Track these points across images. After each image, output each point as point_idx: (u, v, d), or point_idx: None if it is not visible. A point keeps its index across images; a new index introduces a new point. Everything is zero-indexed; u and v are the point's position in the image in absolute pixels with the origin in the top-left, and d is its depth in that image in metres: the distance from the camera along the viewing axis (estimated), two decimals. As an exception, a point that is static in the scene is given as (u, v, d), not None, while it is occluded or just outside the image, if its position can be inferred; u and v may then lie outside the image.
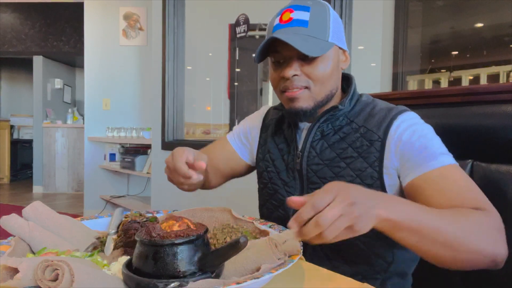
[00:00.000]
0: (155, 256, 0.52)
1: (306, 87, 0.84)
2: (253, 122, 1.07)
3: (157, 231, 0.53)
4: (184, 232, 0.53)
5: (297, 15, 0.82)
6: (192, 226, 0.55)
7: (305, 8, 0.82)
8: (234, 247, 0.51)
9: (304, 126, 0.91)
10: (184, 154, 0.76)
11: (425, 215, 0.61)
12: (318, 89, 0.84)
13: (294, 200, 0.55)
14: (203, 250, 0.54)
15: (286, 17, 0.83)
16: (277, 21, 0.84)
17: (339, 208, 0.52)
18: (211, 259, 0.53)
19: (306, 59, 0.82)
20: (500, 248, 0.63)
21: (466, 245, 0.62)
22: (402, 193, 0.79)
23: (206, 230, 0.56)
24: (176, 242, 0.52)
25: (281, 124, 0.98)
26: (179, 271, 0.51)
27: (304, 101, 0.84)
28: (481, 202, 0.69)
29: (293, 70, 0.82)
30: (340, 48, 0.87)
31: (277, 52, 0.84)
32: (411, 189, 0.76)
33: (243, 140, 1.07)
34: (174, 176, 0.79)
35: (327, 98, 0.86)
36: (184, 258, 0.52)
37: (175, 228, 0.54)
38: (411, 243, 0.62)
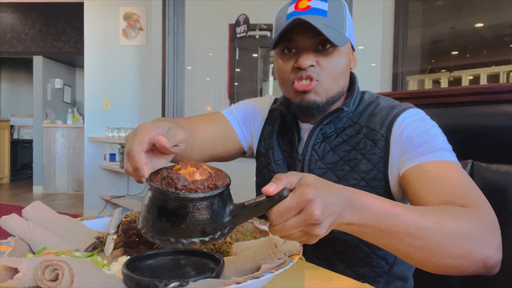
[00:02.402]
0: (182, 212, 0.45)
1: (318, 80, 0.79)
2: (258, 109, 0.99)
3: (182, 182, 0.46)
4: (210, 182, 0.47)
5: (315, 3, 0.77)
6: (213, 173, 0.49)
7: None
8: (274, 201, 0.47)
9: (306, 128, 0.88)
10: (149, 136, 0.55)
11: (400, 216, 0.54)
12: (330, 85, 0.80)
13: (266, 189, 0.48)
14: (231, 201, 0.49)
15: (303, 4, 0.78)
16: (292, 8, 0.79)
17: (300, 226, 0.48)
18: (247, 212, 0.48)
19: (321, 51, 0.78)
20: (491, 251, 0.57)
21: (448, 250, 0.55)
22: None
23: (230, 180, 0.50)
24: (208, 195, 0.46)
25: (287, 123, 0.92)
26: (212, 226, 0.46)
27: (317, 94, 0.79)
28: (475, 200, 0.63)
29: (310, 60, 0.77)
30: (351, 47, 0.85)
31: (290, 41, 0.79)
32: (403, 179, 0.74)
33: (243, 123, 0.99)
34: (126, 160, 0.57)
35: (338, 96, 0.83)
36: (217, 211, 0.47)
37: (198, 177, 0.48)
38: (382, 244, 0.57)
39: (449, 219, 0.57)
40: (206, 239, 0.47)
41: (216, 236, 0.48)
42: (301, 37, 0.78)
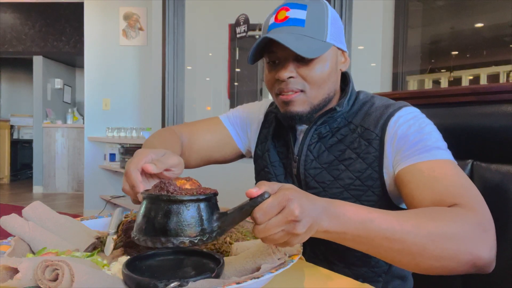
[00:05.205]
0: (173, 212, 0.49)
1: (302, 91, 0.80)
2: (254, 114, 1.01)
3: (173, 186, 0.50)
4: (199, 190, 0.52)
5: (293, 13, 0.78)
6: (201, 186, 0.54)
7: (302, 7, 0.78)
8: (257, 203, 0.50)
9: (301, 128, 0.88)
10: (144, 159, 0.62)
11: (375, 222, 0.56)
12: (314, 93, 0.80)
13: (249, 191, 0.52)
14: (218, 210, 0.53)
15: (281, 15, 0.79)
16: (272, 20, 0.80)
17: (281, 224, 0.50)
18: (233, 217, 0.52)
19: (302, 61, 0.79)
20: (480, 251, 0.57)
21: (430, 252, 0.56)
22: None
23: (217, 192, 0.55)
24: (196, 198, 0.50)
25: (282, 125, 0.93)
26: (200, 228, 0.50)
27: (300, 105, 0.80)
28: (467, 198, 0.63)
29: (289, 72, 0.78)
30: (339, 49, 0.84)
31: (272, 52, 0.80)
32: (398, 179, 0.74)
33: (240, 128, 1.01)
34: (124, 181, 0.64)
35: (325, 102, 0.83)
36: (205, 215, 0.51)
37: (188, 186, 0.52)
38: (363, 249, 0.59)
39: (429, 222, 0.57)
40: (195, 240, 0.50)
41: (205, 238, 0.50)
42: (279, 49, 0.79)
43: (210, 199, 0.52)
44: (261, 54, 0.83)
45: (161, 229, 0.50)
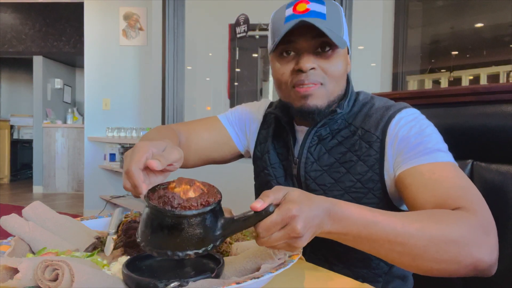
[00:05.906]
0: (178, 227, 0.50)
1: (321, 84, 0.78)
2: (253, 114, 1.00)
3: (177, 200, 0.50)
4: (203, 199, 0.52)
5: (313, 6, 0.77)
6: (205, 190, 0.53)
7: (321, 2, 0.78)
8: (261, 216, 0.51)
9: (301, 130, 0.87)
10: (145, 155, 0.58)
11: (379, 224, 0.56)
12: (332, 87, 0.79)
13: (253, 206, 0.52)
14: (222, 216, 0.53)
15: (302, 7, 0.77)
16: (289, 12, 0.78)
17: (284, 239, 0.52)
18: (236, 225, 0.52)
19: (321, 53, 0.78)
20: (481, 254, 0.56)
21: (431, 255, 0.56)
22: None
23: (221, 196, 0.55)
24: (201, 211, 0.50)
25: (282, 126, 0.92)
26: (205, 239, 0.50)
27: (319, 98, 0.78)
28: (468, 201, 0.62)
29: (311, 63, 0.76)
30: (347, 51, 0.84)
31: (289, 43, 0.78)
32: (399, 181, 0.73)
33: (239, 128, 1.00)
34: (125, 178, 0.60)
35: (337, 99, 0.82)
36: (210, 226, 0.51)
37: (191, 194, 0.52)
38: (364, 249, 0.59)
39: (432, 225, 0.57)
40: (200, 251, 0.51)
41: (209, 248, 0.51)
42: (301, 39, 0.77)
43: (214, 208, 0.52)
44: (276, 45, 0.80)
45: (166, 243, 0.50)
